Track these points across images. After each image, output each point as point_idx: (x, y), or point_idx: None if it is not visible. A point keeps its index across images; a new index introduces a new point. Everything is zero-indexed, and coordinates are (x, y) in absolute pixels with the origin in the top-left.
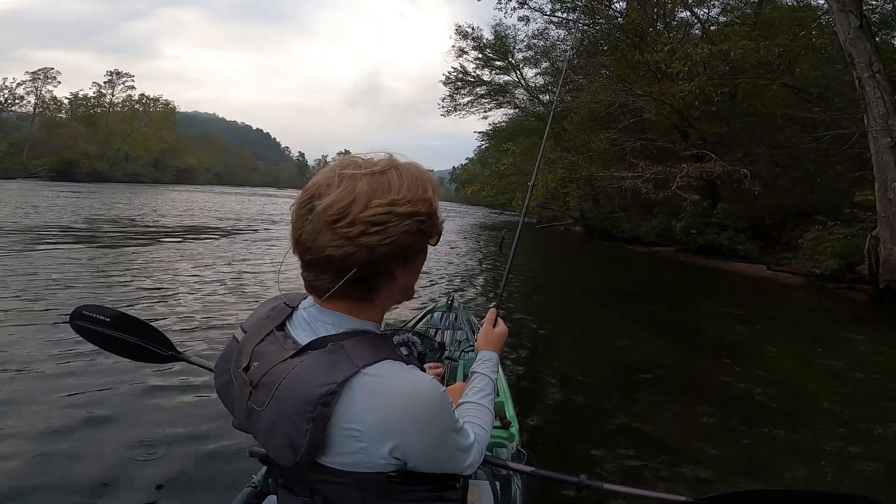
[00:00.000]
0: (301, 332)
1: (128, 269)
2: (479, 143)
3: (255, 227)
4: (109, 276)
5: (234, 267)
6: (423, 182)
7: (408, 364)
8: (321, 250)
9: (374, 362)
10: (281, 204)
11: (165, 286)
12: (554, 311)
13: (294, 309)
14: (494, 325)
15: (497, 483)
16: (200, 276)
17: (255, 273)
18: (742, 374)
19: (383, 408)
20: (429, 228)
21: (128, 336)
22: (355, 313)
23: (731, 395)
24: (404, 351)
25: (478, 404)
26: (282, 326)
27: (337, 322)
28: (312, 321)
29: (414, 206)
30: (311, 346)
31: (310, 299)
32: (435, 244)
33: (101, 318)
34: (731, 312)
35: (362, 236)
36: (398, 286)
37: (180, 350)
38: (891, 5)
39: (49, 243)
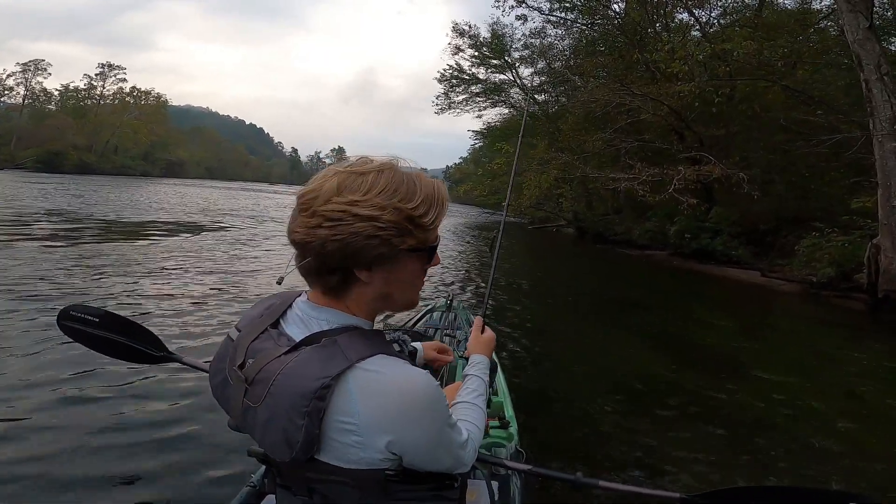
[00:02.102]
0: (295, 329)
1: (113, 267)
2: (472, 142)
3: (243, 225)
4: (93, 273)
5: (226, 265)
6: (409, 192)
7: (402, 359)
8: (290, 233)
9: (369, 356)
10: (265, 199)
11: (154, 285)
12: (548, 315)
13: (288, 307)
14: (482, 332)
15: (496, 482)
16: (191, 274)
17: (247, 271)
18: (738, 382)
19: (379, 403)
20: (394, 238)
21: (118, 336)
22: (344, 310)
23: (727, 400)
24: (396, 348)
25: (471, 403)
26: (276, 324)
27: (330, 318)
28: (306, 318)
29: (377, 210)
30: (305, 342)
31: (304, 297)
32: (428, 263)
33: (90, 318)
34: (726, 319)
35: (318, 228)
36: (372, 292)
37: (172, 350)
38: (891, 11)
39: (26, 237)
